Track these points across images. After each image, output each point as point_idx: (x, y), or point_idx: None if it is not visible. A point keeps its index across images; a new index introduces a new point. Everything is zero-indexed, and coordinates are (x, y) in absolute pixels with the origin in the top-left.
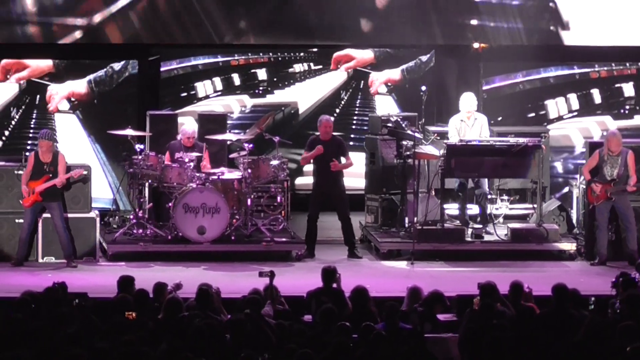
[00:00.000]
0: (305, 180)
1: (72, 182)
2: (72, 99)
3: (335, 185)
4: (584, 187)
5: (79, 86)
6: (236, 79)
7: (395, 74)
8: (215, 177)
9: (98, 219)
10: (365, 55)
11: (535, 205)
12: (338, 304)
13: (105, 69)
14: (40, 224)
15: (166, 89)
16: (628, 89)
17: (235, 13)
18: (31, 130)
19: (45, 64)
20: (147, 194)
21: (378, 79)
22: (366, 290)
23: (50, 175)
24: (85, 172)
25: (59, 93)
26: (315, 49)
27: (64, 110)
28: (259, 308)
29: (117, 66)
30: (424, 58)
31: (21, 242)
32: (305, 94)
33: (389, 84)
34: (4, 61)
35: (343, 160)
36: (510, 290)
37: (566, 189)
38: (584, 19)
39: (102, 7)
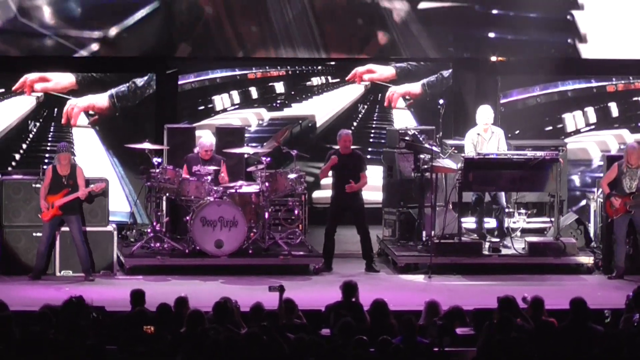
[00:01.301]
0: (323, 194)
1: (94, 196)
2: (92, 112)
3: (355, 198)
4: (602, 200)
5: (100, 99)
6: (254, 92)
7: (415, 87)
8: (233, 190)
9: (115, 233)
10: (386, 71)
11: (552, 219)
12: (357, 318)
13: (127, 84)
14: (58, 238)
15: (184, 102)
16: None
17: (252, 25)
18: (49, 144)
19: (68, 80)
20: (164, 208)
21: (397, 91)
22: (385, 304)
23: (70, 189)
24: (103, 185)
25: (77, 105)
26: (332, 62)
27: (82, 125)
28: (275, 321)
29: (139, 81)
30: (446, 73)
31: (39, 255)
32: (323, 107)
33: (408, 97)
34: (28, 76)
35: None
36: (531, 305)
37: (584, 203)
38: (601, 32)
39: (119, 20)
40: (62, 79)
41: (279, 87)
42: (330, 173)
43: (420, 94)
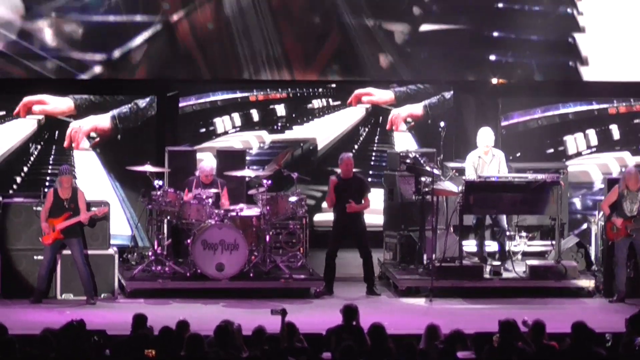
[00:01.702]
0: (324, 217)
1: (96, 220)
2: (94, 135)
3: (357, 221)
4: (603, 223)
5: (103, 121)
6: (255, 114)
7: (417, 109)
8: (234, 213)
9: (117, 256)
10: (385, 95)
11: (553, 242)
12: (358, 342)
13: (129, 105)
14: (59, 261)
15: (185, 125)
16: None
17: (253, 48)
18: (50, 167)
19: (66, 105)
20: (165, 231)
21: (400, 114)
22: (383, 327)
23: (71, 212)
24: (106, 209)
25: (82, 128)
26: (333, 85)
27: (83, 147)
28: (277, 345)
29: (141, 103)
30: (447, 95)
31: (40, 278)
32: (324, 130)
33: (410, 119)
34: (26, 99)
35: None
36: (532, 328)
37: (585, 226)
38: (602, 55)
39: (121, 43)
40: (60, 103)
41: (280, 110)
42: None
43: (422, 115)
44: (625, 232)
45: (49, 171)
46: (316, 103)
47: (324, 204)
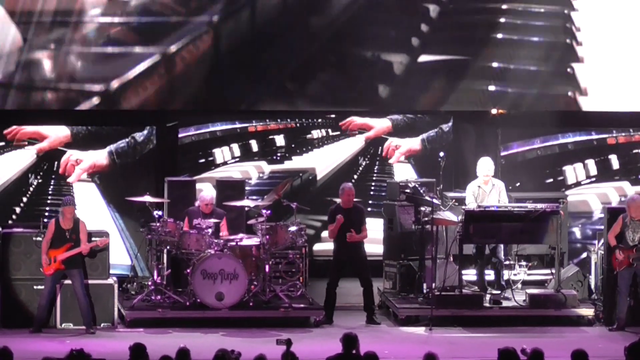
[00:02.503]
0: (324, 247)
1: (97, 251)
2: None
3: (357, 250)
4: (602, 252)
5: (101, 158)
6: (254, 145)
7: (415, 143)
8: (234, 243)
9: (116, 286)
10: (382, 124)
11: (553, 271)
12: None
13: (127, 140)
14: (59, 290)
15: (184, 155)
16: None
17: (252, 80)
18: (49, 197)
19: (63, 133)
20: (165, 260)
21: (398, 151)
22: (376, 356)
23: (72, 243)
24: (108, 240)
25: (81, 166)
26: (333, 115)
27: (83, 178)
28: None
29: (139, 136)
30: (445, 127)
31: (40, 308)
32: (323, 160)
33: (409, 155)
34: (21, 131)
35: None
36: (530, 357)
37: (584, 255)
38: (602, 85)
39: (120, 74)
40: (56, 133)
41: (279, 140)
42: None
43: (420, 150)
44: (628, 262)
45: (48, 201)
46: (315, 133)
47: (324, 233)
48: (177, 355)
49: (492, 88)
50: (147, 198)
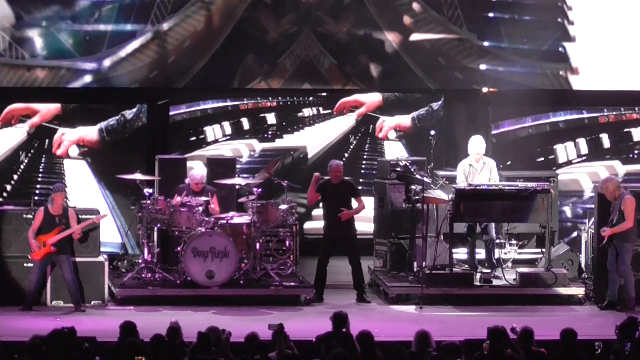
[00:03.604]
0: (314, 225)
1: (88, 231)
2: (82, 145)
3: (347, 229)
4: (592, 231)
5: (90, 133)
6: (245, 123)
7: (405, 120)
8: (224, 221)
9: (107, 264)
10: (373, 98)
11: (543, 250)
12: (347, 349)
13: (117, 117)
14: (49, 270)
15: (175, 133)
16: (637, 134)
17: (244, 57)
18: (40, 175)
19: (54, 106)
20: (155, 238)
21: (387, 124)
22: (371, 335)
23: (63, 227)
24: (105, 214)
25: (68, 138)
26: (324, 93)
27: (74, 156)
28: (266, 352)
29: (128, 114)
30: (435, 106)
31: (30, 286)
32: (314, 138)
33: (399, 130)
34: (12, 107)
35: (354, 202)
36: (520, 335)
37: (575, 234)
38: (593, 64)
39: (112, 52)
40: (47, 107)
41: (271, 118)
42: (321, 204)
43: (410, 127)
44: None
45: (39, 179)
46: (306, 111)
47: (315, 212)
48: (167, 333)
49: (483, 67)
50: (138, 176)
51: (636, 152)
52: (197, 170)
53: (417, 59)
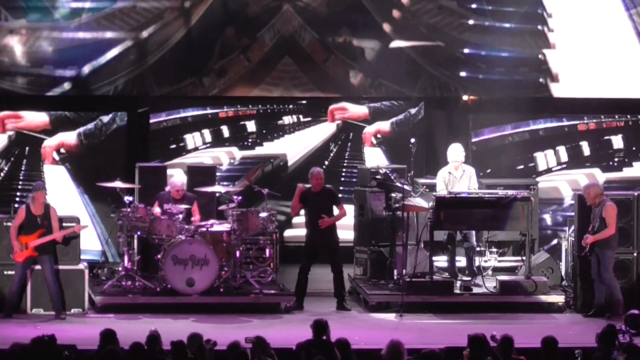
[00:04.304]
0: (295, 233)
1: (71, 238)
2: (62, 151)
3: (329, 236)
4: (573, 239)
5: (69, 138)
6: (225, 131)
7: (385, 125)
8: (204, 229)
9: (87, 271)
10: (360, 110)
11: (524, 258)
12: (328, 356)
13: (95, 122)
14: (29, 276)
15: (155, 141)
16: (617, 141)
17: (224, 65)
18: (20, 182)
19: (41, 119)
20: (136, 246)
21: (368, 130)
22: (348, 343)
23: (45, 229)
24: (87, 225)
25: (49, 144)
26: (304, 101)
27: (54, 161)
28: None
29: (105, 118)
30: (413, 110)
31: (11, 294)
32: (295, 146)
33: (379, 135)
34: (2, 113)
35: (335, 209)
36: (500, 343)
37: (555, 241)
38: (573, 72)
39: (91, 59)
40: (35, 118)
41: (251, 126)
42: (302, 212)
43: (390, 132)
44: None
45: (20, 187)
46: (286, 119)
47: (295, 220)
48: (147, 342)
49: (463, 74)
50: (118, 184)
51: (616, 159)
52: (177, 177)
53: (397, 67)
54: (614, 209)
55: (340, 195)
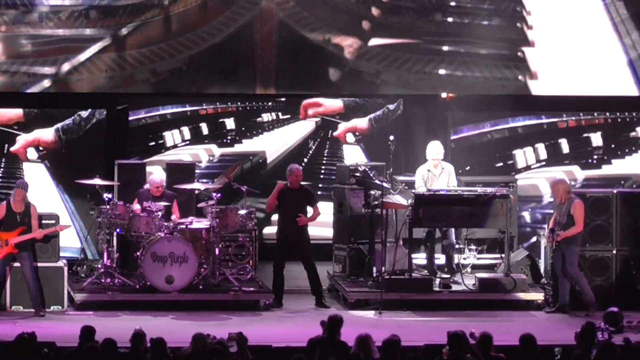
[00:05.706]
0: (273, 230)
1: (51, 236)
2: (40, 148)
3: (300, 234)
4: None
5: (46, 134)
6: (204, 128)
7: (362, 122)
8: (184, 226)
9: (66, 268)
10: (334, 103)
11: (503, 255)
12: (342, 356)
13: (73, 117)
14: (8, 273)
15: (134, 138)
16: (596, 139)
17: (201, 62)
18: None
19: (15, 112)
20: (115, 243)
21: (343, 125)
22: (370, 339)
23: (25, 227)
24: (70, 225)
25: (24, 138)
26: (283, 99)
27: (33, 160)
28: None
29: (84, 114)
30: (391, 107)
31: None
32: (274, 143)
33: (357, 132)
34: None
35: (310, 209)
36: (479, 341)
37: (534, 239)
38: (552, 69)
39: (70, 57)
40: (10, 111)
41: (230, 123)
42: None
43: (368, 129)
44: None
45: None
46: (265, 117)
47: (274, 217)
48: (131, 339)
49: (442, 72)
50: (97, 181)
51: (595, 157)
52: (156, 174)
53: (376, 64)
54: (582, 206)
55: (319, 193)
